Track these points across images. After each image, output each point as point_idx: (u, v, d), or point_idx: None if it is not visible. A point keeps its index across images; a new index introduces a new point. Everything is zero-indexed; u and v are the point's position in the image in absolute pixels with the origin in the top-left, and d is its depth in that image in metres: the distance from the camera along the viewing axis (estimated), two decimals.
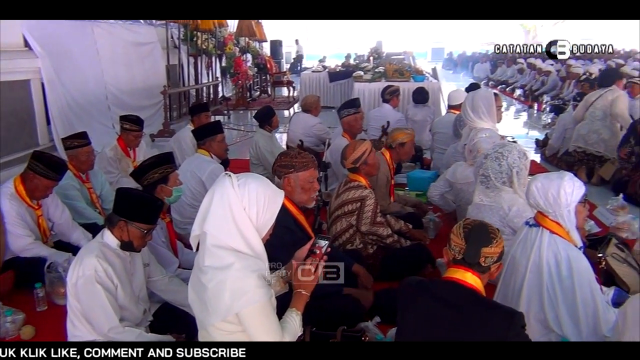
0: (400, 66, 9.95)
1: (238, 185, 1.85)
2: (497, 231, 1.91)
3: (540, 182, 2.45)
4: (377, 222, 3.42)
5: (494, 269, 1.90)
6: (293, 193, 2.66)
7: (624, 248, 3.36)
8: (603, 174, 5.32)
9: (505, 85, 14.51)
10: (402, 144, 4.11)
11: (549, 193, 2.41)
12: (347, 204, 3.41)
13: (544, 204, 2.43)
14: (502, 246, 1.89)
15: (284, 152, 2.81)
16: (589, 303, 2.37)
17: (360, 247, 3.44)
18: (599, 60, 13.59)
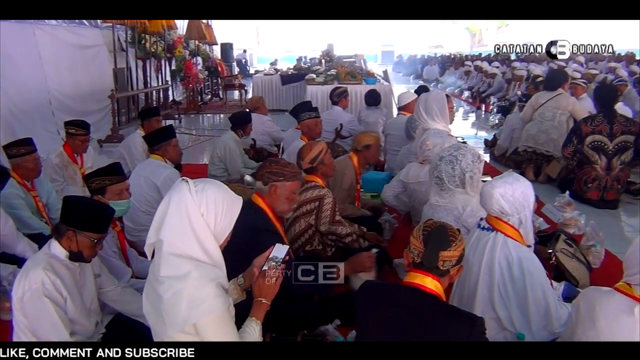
0: (352, 69, 10.03)
1: (196, 191, 1.80)
2: (457, 233, 1.91)
3: (503, 188, 2.46)
4: (336, 221, 3.42)
5: (454, 272, 1.90)
6: (277, 201, 2.66)
7: (572, 243, 3.48)
8: (550, 172, 5.51)
9: (453, 87, 14.84)
10: (367, 146, 4.12)
11: (516, 197, 2.45)
12: (305, 204, 3.39)
13: (509, 209, 2.46)
14: (462, 248, 1.89)
15: (273, 159, 2.79)
16: (540, 302, 2.44)
17: (319, 249, 3.43)
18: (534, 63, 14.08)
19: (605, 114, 4.87)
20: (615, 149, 4.76)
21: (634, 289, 1.89)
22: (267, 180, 2.63)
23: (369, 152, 4.16)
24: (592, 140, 4.81)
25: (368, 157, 4.19)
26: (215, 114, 12.30)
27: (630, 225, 4.58)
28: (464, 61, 16.88)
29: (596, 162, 4.80)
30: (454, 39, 37.49)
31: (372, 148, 4.16)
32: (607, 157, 4.77)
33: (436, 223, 1.94)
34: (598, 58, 16.19)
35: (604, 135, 4.78)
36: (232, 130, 5.40)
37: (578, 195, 4.80)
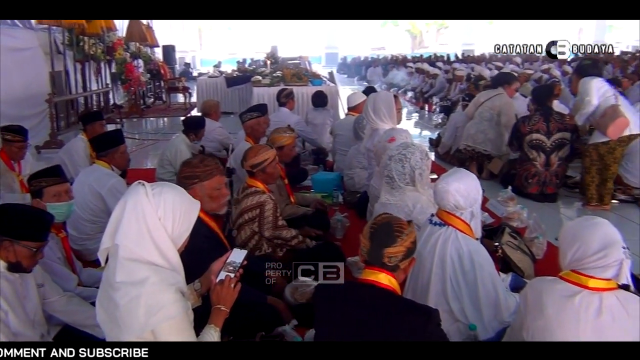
0: (298, 70, 10.06)
1: (153, 194, 1.76)
2: (404, 228, 1.90)
3: (457, 184, 2.54)
4: (279, 226, 3.43)
5: (405, 266, 1.90)
6: (202, 203, 2.58)
7: (517, 236, 3.62)
8: (492, 169, 5.70)
9: (397, 88, 15.11)
10: (281, 147, 4.07)
11: (469, 191, 2.55)
12: (247, 211, 3.38)
13: (464, 203, 2.54)
14: (410, 242, 1.89)
15: (185, 162, 2.69)
16: (490, 293, 2.52)
17: (269, 252, 3.41)
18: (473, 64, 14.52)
19: (542, 112, 5.07)
20: (553, 146, 4.97)
21: (582, 275, 1.97)
22: (185, 186, 2.55)
23: (282, 152, 4.06)
24: (531, 139, 5.01)
25: (282, 156, 4.07)
26: (158, 118, 12.03)
27: (569, 217, 4.80)
28: (406, 63, 17.23)
29: (535, 159, 5.00)
30: (395, 41, 38.19)
31: (285, 149, 4.09)
32: (546, 154, 4.98)
33: (383, 219, 1.94)
34: (533, 59, 16.88)
35: (541, 134, 4.98)
36: (184, 133, 5.29)
37: (519, 191, 4.98)
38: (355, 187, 5.05)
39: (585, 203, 4.88)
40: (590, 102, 4.60)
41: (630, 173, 5.23)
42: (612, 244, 1.91)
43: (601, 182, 4.76)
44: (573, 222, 2.11)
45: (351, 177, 5.14)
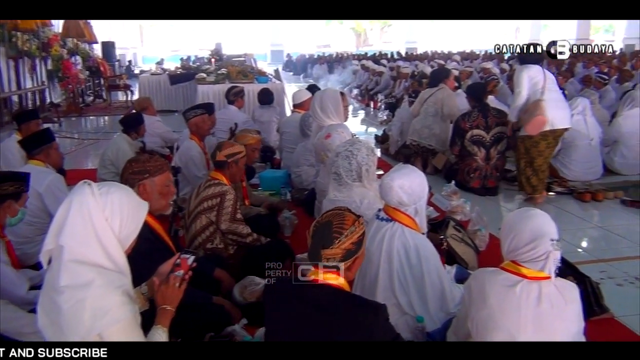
0: (243, 68, 9.96)
1: (99, 194, 1.70)
2: (344, 228, 1.86)
3: (401, 180, 2.57)
4: (237, 219, 3.40)
5: (347, 266, 1.87)
6: (150, 200, 2.49)
7: (460, 229, 3.72)
8: (436, 164, 5.83)
9: (343, 86, 15.21)
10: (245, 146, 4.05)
11: (413, 187, 2.58)
12: (207, 199, 3.35)
13: (407, 200, 2.58)
14: (350, 243, 1.86)
15: (134, 158, 2.61)
16: (436, 285, 2.58)
17: (220, 247, 3.38)
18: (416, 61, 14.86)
19: (479, 108, 5.24)
20: (492, 140, 5.14)
21: (521, 265, 2.04)
22: (133, 183, 2.47)
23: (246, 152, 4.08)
24: (472, 135, 5.16)
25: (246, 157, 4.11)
26: (99, 116, 11.65)
27: (509, 209, 4.97)
28: (351, 60, 17.38)
29: (476, 154, 5.16)
30: (340, 39, 38.47)
31: (248, 148, 4.07)
32: (486, 148, 5.14)
33: (327, 216, 1.92)
34: (472, 57, 17.41)
35: (481, 129, 5.14)
36: (124, 132, 5.14)
37: (462, 185, 5.11)
38: (303, 185, 5.06)
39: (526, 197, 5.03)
40: (520, 93, 4.70)
41: (565, 167, 5.49)
42: (541, 236, 1.99)
43: (532, 173, 4.88)
44: (512, 213, 2.19)
45: (299, 175, 5.15)
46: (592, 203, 4.89)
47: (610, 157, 5.75)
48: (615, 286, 3.29)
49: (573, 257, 3.65)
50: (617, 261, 3.64)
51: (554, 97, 4.69)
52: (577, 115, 5.43)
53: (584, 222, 4.49)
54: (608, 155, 5.76)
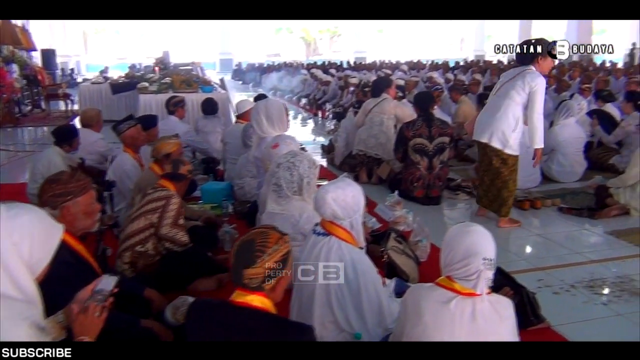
0: (188, 77, 9.76)
1: (7, 217, 1.56)
2: (267, 247, 1.79)
3: (335, 193, 2.52)
4: (178, 225, 3.33)
5: (271, 287, 1.80)
6: (74, 221, 2.35)
7: (402, 240, 3.69)
8: (381, 174, 5.83)
9: (291, 95, 15.19)
10: (167, 154, 3.90)
11: (347, 201, 2.52)
12: (152, 201, 3.31)
13: (341, 213, 2.52)
14: (274, 262, 1.79)
15: (53, 178, 2.43)
16: (373, 300, 2.53)
17: (150, 253, 3.30)
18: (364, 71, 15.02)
19: (424, 118, 5.27)
20: (435, 150, 5.18)
21: (455, 282, 2.02)
22: (54, 205, 2.32)
23: (169, 161, 3.85)
24: (415, 143, 5.18)
25: (167, 165, 3.98)
26: (37, 127, 11.15)
27: (452, 218, 5.02)
28: (300, 69, 17.37)
29: (419, 162, 5.18)
30: (290, 48, 38.53)
31: (172, 156, 3.89)
32: (428, 158, 5.17)
33: (250, 235, 1.85)
34: (419, 66, 17.72)
35: (424, 138, 5.16)
36: (57, 144, 4.88)
37: (406, 194, 5.12)
38: (246, 197, 4.95)
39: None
40: None
41: None
42: (474, 254, 1.96)
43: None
44: (453, 227, 2.15)
45: (241, 187, 5.04)
46: (531, 211, 4.99)
47: (548, 165, 5.90)
48: (552, 294, 3.34)
49: (512, 266, 3.70)
50: (554, 269, 3.70)
51: (490, 105, 4.53)
52: None
53: (523, 231, 4.56)
54: (546, 164, 5.90)
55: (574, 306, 3.20)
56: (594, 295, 3.32)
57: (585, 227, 4.56)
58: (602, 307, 3.18)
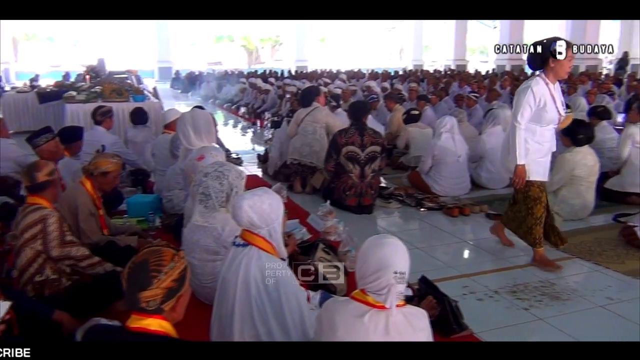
0: (120, 86, 9.44)
1: None
2: (163, 265, 1.72)
3: (251, 200, 2.47)
4: (67, 242, 3.07)
5: (170, 307, 1.72)
6: None
7: (330, 251, 3.66)
8: (314, 183, 5.80)
9: (230, 104, 15.01)
10: (105, 173, 3.72)
11: (263, 209, 2.46)
12: (28, 229, 3.00)
13: (258, 221, 2.46)
14: (172, 281, 1.72)
15: None
16: (295, 312, 2.47)
17: (53, 278, 3.06)
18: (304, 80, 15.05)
19: (357, 126, 5.28)
20: (367, 158, 5.19)
21: (368, 295, 1.99)
22: None
23: (105, 180, 3.73)
24: (347, 151, 5.18)
25: (103, 184, 3.75)
26: None
27: (383, 227, 5.03)
28: (239, 78, 17.21)
29: (351, 170, 5.17)
30: (232, 56, 38.20)
31: (110, 176, 3.73)
32: (360, 166, 5.18)
33: (143, 255, 1.75)
34: (358, 75, 17.93)
35: (356, 146, 5.17)
36: None
37: (339, 203, 5.11)
38: (175, 209, 4.78)
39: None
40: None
41: (436, 183, 5.68)
42: (385, 267, 1.93)
43: None
44: (368, 239, 2.12)
45: (170, 199, 4.87)
46: (460, 218, 5.08)
47: (477, 172, 6.04)
48: (476, 301, 3.38)
49: (440, 273, 3.74)
50: (479, 275, 3.76)
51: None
52: (446, 133, 5.65)
53: (452, 237, 4.63)
54: (475, 171, 6.04)
55: (497, 312, 3.24)
56: (516, 300, 3.38)
57: (511, 233, 4.66)
58: (524, 312, 3.24)
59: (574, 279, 3.75)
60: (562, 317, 3.16)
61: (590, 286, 3.59)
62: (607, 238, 4.43)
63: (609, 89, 10.30)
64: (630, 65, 21.22)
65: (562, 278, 3.72)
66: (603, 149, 5.84)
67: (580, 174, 4.80)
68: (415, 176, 5.92)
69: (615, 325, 3.10)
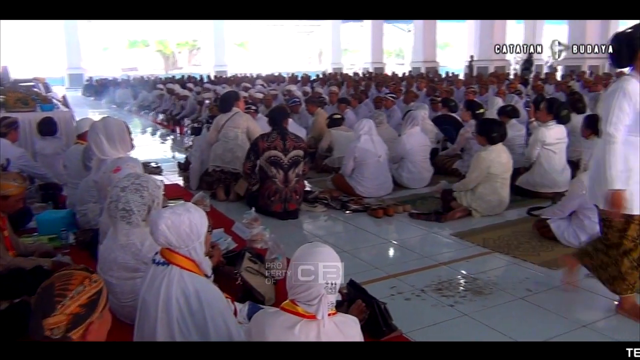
0: (26, 94, 8.85)
1: None
2: (69, 289, 1.59)
3: (170, 219, 2.34)
4: None
5: (80, 335, 1.60)
6: None
7: (257, 259, 3.57)
8: (238, 190, 5.68)
9: (148, 111, 14.52)
10: (6, 197, 3.43)
11: (181, 229, 2.33)
12: None
13: (176, 242, 2.34)
14: (78, 306, 1.59)
15: None
16: (222, 332, 2.36)
17: None
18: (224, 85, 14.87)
19: (278, 131, 5.23)
20: (290, 163, 5.14)
21: (298, 305, 1.94)
22: None
23: (6, 204, 3.46)
24: (269, 156, 5.11)
25: (3, 207, 3.47)
26: None
27: (310, 231, 5.01)
28: (157, 84, 16.69)
29: (275, 176, 5.11)
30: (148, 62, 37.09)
31: (10, 200, 3.45)
32: (284, 171, 5.13)
33: (50, 280, 1.63)
34: (279, 80, 17.90)
35: (278, 151, 5.12)
36: None
37: (264, 210, 5.04)
38: (90, 224, 4.51)
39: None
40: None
41: (360, 184, 5.73)
42: (315, 278, 1.90)
43: None
44: (300, 248, 2.06)
45: (84, 214, 4.60)
46: (384, 218, 5.14)
47: (398, 172, 6.16)
48: (404, 301, 3.42)
49: (367, 275, 3.75)
50: (405, 275, 3.81)
51: None
52: (364, 135, 5.71)
53: (378, 238, 4.68)
54: (397, 171, 6.16)
55: (424, 311, 3.29)
56: (442, 297, 3.45)
57: (433, 231, 4.79)
58: (450, 308, 3.31)
59: (494, 273, 3.88)
60: (485, 311, 3.25)
61: (510, 279, 3.73)
62: (523, 231, 4.63)
63: (517, 89, 10.87)
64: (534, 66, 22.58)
65: (483, 273, 3.85)
66: (514, 146, 6.15)
67: (495, 172, 4.99)
68: (339, 179, 5.95)
69: (535, 316, 3.22)
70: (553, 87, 12.08)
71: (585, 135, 5.38)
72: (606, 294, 3.36)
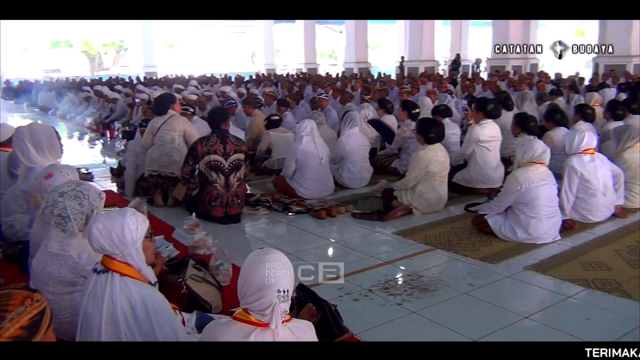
0: None
1: None
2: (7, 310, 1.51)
3: (102, 223, 2.27)
4: None
5: None
6: None
7: (201, 266, 3.46)
8: (177, 195, 5.51)
9: (74, 114, 13.87)
10: None
11: (113, 234, 2.25)
12: None
13: (109, 246, 2.26)
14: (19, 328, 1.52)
15: None
16: (171, 339, 2.29)
17: None
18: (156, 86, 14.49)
19: (218, 134, 5.12)
20: (231, 167, 5.05)
21: (251, 314, 1.90)
22: None
23: None
24: (209, 160, 5.00)
25: None
26: None
27: (252, 235, 4.94)
28: (82, 86, 15.99)
29: (215, 180, 5.00)
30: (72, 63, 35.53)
31: None
32: (225, 175, 5.02)
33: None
34: (212, 81, 17.63)
35: (219, 155, 5.01)
36: None
37: (205, 215, 4.92)
38: (18, 236, 4.25)
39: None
40: None
41: (301, 186, 5.71)
42: (267, 287, 1.86)
43: None
44: (250, 254, 2.01)
45: (11, 225, 4.32)
46: (328, 219, 5.14)
47: (339, 173, 6.19)
48: (352, 301, 3.42)
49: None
50: (352, 275, 3.81)
51: None
52: (307, 136, 5.70)
53: (322, 240, 4.67)
54: (337, 172, 6.19)
55: (372, 310, 3.31)
56: (389, 296, 3.48)
57: (376, 230, 4.84)
58: (397, 307, 3.34)
59: (438, 270, 3.97)
60: (432, 308, 3.31)
61: (453, 275, 3.82)
62: (462, 227, 4.76)
63: (447, 89, 11.22)
64: (461, 67, 23.40)
65: (427, 270, 3.92)
66: (449, 144, 6.31)
67: (433, 170, 5.11)
68: (280, 181, 5.90)
69: (480, 309, 3.32)
70: (480, 86, 12.55)
71: (515, 133, 5.62)
72: (543, 285, 3.51)
